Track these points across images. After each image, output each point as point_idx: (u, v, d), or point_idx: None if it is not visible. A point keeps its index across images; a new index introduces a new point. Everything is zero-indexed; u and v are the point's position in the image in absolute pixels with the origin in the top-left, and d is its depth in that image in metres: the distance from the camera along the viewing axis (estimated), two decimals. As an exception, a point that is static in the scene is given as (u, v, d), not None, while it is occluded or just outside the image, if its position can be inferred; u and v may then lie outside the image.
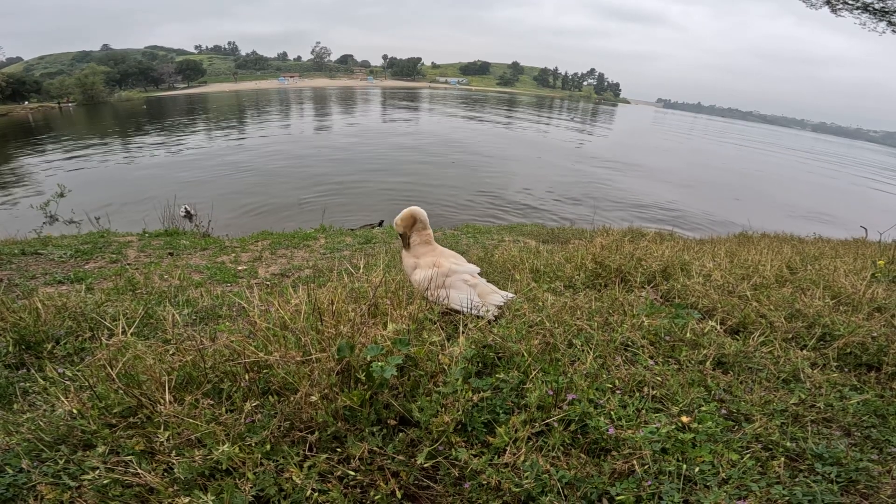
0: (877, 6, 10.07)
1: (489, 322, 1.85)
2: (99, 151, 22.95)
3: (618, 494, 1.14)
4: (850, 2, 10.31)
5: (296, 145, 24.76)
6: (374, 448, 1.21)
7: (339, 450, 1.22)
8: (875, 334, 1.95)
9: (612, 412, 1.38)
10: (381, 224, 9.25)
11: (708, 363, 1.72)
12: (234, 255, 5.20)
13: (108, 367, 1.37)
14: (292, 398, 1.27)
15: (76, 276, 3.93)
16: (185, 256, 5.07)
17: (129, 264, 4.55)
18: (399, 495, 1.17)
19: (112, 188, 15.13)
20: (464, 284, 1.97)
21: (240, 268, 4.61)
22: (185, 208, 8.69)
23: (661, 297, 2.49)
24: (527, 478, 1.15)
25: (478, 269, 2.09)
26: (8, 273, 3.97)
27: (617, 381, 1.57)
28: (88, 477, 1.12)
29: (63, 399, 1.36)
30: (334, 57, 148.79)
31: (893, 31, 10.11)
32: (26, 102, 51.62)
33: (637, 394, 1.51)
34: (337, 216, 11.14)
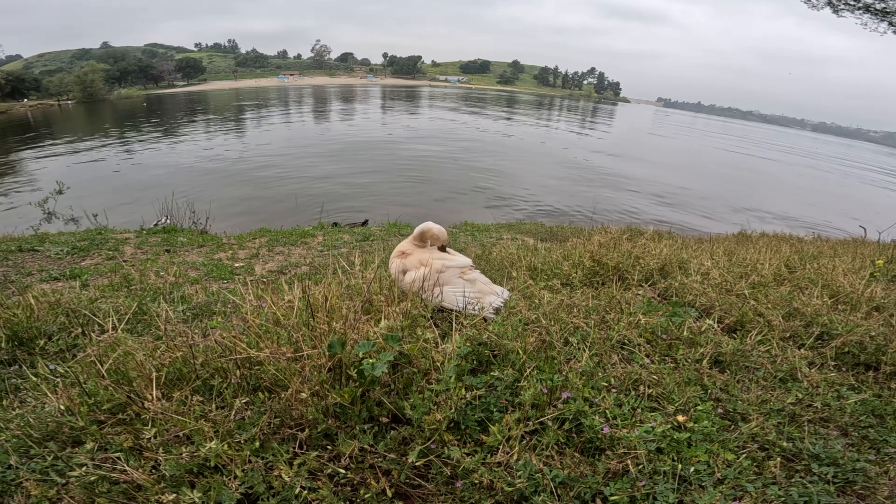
0: (878, 7, 10.05)
1: (485, 319, 1.83)
2: (98, 149, 22.88)
3: (612, 494, 1.12)
4: (852, 2, 10.29)
5: (295, 142, 24.72)
6: (365, 446, 1.20)
7: (329, 447, 1.21)
8: (873, 333, 1.94)
9: (607, 411, 1.37)
10: (365, 223, 9.16)
11: (705, 362, 1.70)
12: (231, 252, 5.18)
13: (98, 364, 1.35)
14: (283, 395, 1.26)
15: (72, 272, 3.91)
16: (182, 253, 5.05)
17: (125, 261, 4.53)
18: (390, 494, 1.15)
19: (111, 185, 15.12)
20: (459, 280, 1.94)
21: (236, 264, 4.59)
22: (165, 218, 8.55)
23: (658, 296, 2.47)
24: (520, 477, 1.14)
25: (470, 262, 2.05)
26: (4, 269, 3.95)
27: (612, 380, 1.55)
28: (75, 473, 1.11)
29: (52, 396, 1.35)
30: (334, 55, 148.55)
31: (894, 31, 10.10)
32: (25, 100, 51.49)
33: (633, 392, 1.50)
34: (335, 214, 11.13)
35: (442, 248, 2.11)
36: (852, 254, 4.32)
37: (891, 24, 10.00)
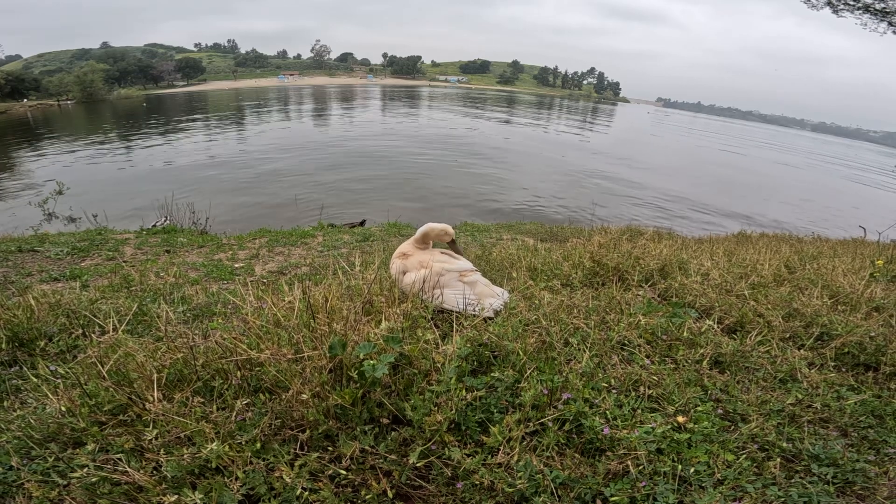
0: (878, 7, 10.06)
1: (485, 320, 1.83)
2: (98, 149, 22.90)
3: (612, 495, 1.13)
4: (852, 2, 10.30)
5: (295, 143, 24.72)
6: (366, 447, 1.20)
7: (330, 448, 1.21)
8: (873, 334, 1.94)
9: (607, 412, 1.37)
10: (363, 223, 9.14)
11: (705, 363, 1.71)
12: (231, 252, 5.18)
13: (99, 365, 1.36)
14: (284, 396, 1.26)
15: (72, 273, 3.91)
16: (182, 254, 5.05)
17: (125, 261, 4.53)
18: (391, 495, 1.15)
19: (110, 185, 15.13)
20: (459, 283, 1.94)
21: (236, 265, 4.59)
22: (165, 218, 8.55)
23: (658, 296, 2.47)
24: (520, 478, 1.14)
25: (471, 265, 2.05)
26: (4, 270, 3.95)
27: (613, 381, 1.56)
28: (77, 475, 1.11)
29: (53, 397, 1.35)
30: (334, 55, 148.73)
31: (894, 31, 10.11)
32: (25, 100, 51.55)
33: (633, 393, 1.50)
34: (335, 214, 11.13)
35: (451, 243, 2.12)
36: (852, 254, 4.33)
37: (891, 24, 10.01)
